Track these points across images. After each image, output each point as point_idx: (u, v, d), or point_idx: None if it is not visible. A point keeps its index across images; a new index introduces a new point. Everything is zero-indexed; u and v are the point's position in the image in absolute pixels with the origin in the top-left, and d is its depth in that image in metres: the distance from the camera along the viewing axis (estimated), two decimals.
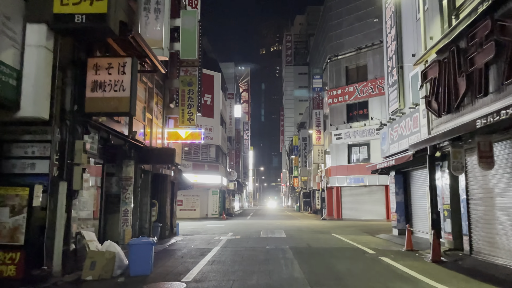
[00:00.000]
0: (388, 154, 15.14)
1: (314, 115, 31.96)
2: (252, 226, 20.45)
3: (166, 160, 10.75)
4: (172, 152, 10.73)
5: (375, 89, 28.21)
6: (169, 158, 10.67)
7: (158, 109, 13.61)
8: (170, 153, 10.71)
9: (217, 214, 30.17)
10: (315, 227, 20.10)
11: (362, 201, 28.80)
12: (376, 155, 27.63)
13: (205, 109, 29.65)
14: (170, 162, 10.76)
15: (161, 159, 10.73)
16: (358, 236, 15.15)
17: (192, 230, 18.22)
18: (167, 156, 10.65)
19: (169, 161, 10.71)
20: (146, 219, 12.34)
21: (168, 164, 11.04)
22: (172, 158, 10.69)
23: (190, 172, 28.13)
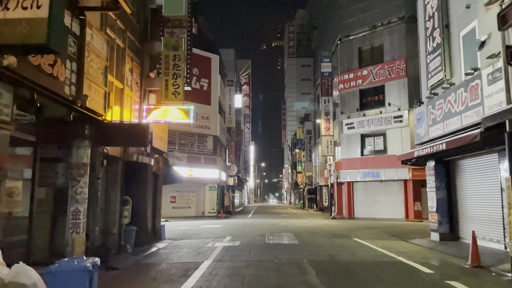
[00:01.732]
0: (427, 139, 12.01)
1: (323, 103, 28.85)
2: (254, 227, 17.38)
3: (136, 140, 7.67)
4: (144, 129, 7.63)
5: (392, 71, 25.04)
6: (140, 137, 7.58)
7: (134, 78, 10.49)
8: (142, 130, 7.62)
9: (214, 212, 27.10)
10: (328, 228, 17.03)
11: (377, 198, 25.71)
12: (394, 146, 24.54)
13: (201, 95, 26.55)
14: (141, 142, 7.67)
15: (130, 139, 7.65)
16: (387, 241, 12.07)
17: (183, 233, 15.15)
18: (138, 135, 7.57)
19: (141, 141, 7.63)
20: (114, 222, 9.25)
21: (139, 145, 7.95)
22: (144, 138, 7.59)
23: (184, 165, 25.06)
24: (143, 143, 7.70)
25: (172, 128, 25.07)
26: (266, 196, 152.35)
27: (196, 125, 26.42)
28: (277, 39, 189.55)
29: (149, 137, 7.72)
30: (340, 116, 27.85)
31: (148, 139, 7.86)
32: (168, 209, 25.03)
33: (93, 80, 7.22)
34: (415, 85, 24.42)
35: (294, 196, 73.95)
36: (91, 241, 7.64)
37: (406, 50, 24.61)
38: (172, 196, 25.59)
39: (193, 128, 26.24)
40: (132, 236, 10.01)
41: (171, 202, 25.53)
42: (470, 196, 10.88)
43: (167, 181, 13.75)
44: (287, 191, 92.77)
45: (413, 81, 24.35)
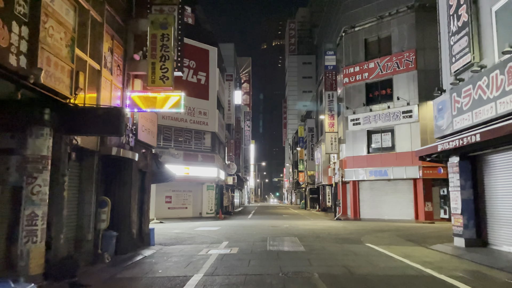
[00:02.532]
0: (450, 131, 10.57)
1: (327, 98, 27.41)
2: (254, 230, 15.96)
3: (109, 128, 6.24)
4: (118, 114, 6.20)
5: (401, 64, 23.59)
6: (114, 124, 6.15)
7: (115, 60, 9.06)
8: (116, 115, 6.18)
9: (213, 213, 25.69)
10: (335, 231, 15.60)
11: (385, 198, 24.27)
12: (403, 143, 23.12)
13: (199, 89, 25.15)
14: (115, 130, 6.23)
15: (102, 126, 6.23)
16: (405, 247, 10.65)
17: (176, 236, 13.72)
18: (111, 121, 6.14)
19: (114, 128, 6.19)
20: (89, 227, 7.83)
21: (113, 133, 6.50)
22: (118, 124, 6.16)
23: (180, 163, 23.65)
24: (117, 131, 6.27)
25: (167, 124, 23.67)
26: (267, 195, 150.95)
27: (193, 120, 25.01)
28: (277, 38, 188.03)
29: (125, 123, 6.31)
30: (345, 112, 26.42)
31: (124, 125, 6.41)
32: (163, 210, 23.64)
33: (54, 52, 5.80)
34: (426, 78, 23.01)
35: (295, 196, 72.53)
36: (54, 251, 6.22)
37: (416, 41, 23.17)
38: (167, 196, 24.18)
39: (189, 124, 24.82)
40: (112, 243, 8.58)
41: (167, 202, 24.12)
42: (502, 196, 9.45)
43: (157, 179, 12.33)
44: (288, 191, 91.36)
45: (424, 73, 22.95)
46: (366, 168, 24.62)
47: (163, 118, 23.51)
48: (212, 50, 26.65)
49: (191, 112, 24.89)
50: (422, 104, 22.72)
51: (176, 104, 9.50)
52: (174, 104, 9.52)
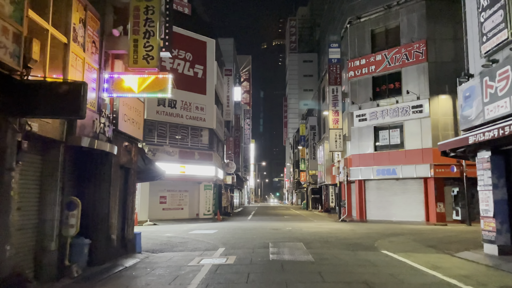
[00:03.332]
0: (481, 121, 9.14)
1: (331, 92, 25.99)
2: (254, 233, 14.53)
3: (65, 107, 4.83)
4: (77, 89, 4.78)
5: (410, 56, 22.16)
6: (72, 102, 4.75)
7: (89, 35, 7.63)
8: (74, 90, 4.76)
9: (210, 214, 24.26)
10: (344, 234, 14.18)
11: (393, 198, 22.85)
12: (413, 139, 21.70)
13: (195, 83, 23.73)
14: (73, 110, 4.81)
15: (57, 106, 4.83)
16: (428, 255, 9.23)
17: (167, 241, 12.30)
18: (67, 99, 4.74)
19: (72, 108, 4.79)
20: (52, 233, 6.41)
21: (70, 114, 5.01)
22: (77, 103, 4.76)
23: (176, 161, 22.25)
24: (77, 111, 4.85)
25: (161, 119, 22.28)
26: (267, 196, 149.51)
27: (189, 116, 23.59)
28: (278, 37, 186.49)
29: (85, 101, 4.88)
30: (350, 107, 25.00)
31: (85, 104, 4.99)
32: (157, 211, 22.22)
33: None
34: (437, 70, 21.59)
35: (296, 196, 71.13)
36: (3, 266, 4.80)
37: (426, 31, 21.75)
38: (162, 196, 22.76)
39: (186, 119, 23.40)
40: (83, 252, 7.17)
41: (161, 203, 22.70)
42: None
43: (145, 177, 10.92)
44: (288, 191, 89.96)
45: (435, 66, 21.54)
46: (373, 167, 23.20)
47: (157, 113, 22.12)
48: (210, 42, 25.24)
49: (187, 107, 23.48)
50: (433, 98, 21.30)
51: (163, 88, 8.08)
52: (160, 88, 8.10)
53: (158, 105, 22.15)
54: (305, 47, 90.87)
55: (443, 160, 20.86)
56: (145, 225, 20.13)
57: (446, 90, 21.33)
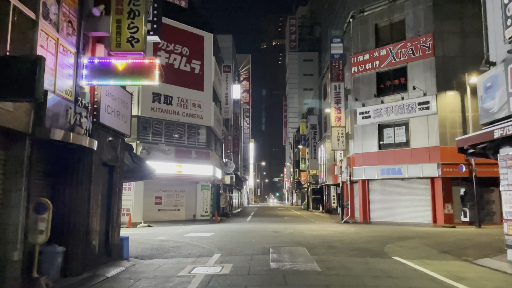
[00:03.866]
0: (505, 114, 8.20)
1: (333, 89, 25.07)
2: (253, 237, 13.59)
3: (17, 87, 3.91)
4: (31, 65, 3.85)
5: (416, 50, 21.24)
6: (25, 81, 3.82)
7: (64, 13, 6.70)
8: (28, 67, 3.83)
9: (208, 215, 23.32)
10: (349, 238, 13.24)
11: (398, 199, 21.93)
12: (419, 137, 20.78)
13: (192, 79, 22.81)
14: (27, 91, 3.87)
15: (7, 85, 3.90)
16: (444, 262, 8.32)
17: (159, 245, 11.36)
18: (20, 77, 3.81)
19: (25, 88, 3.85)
20: (15, 241, 5.47)
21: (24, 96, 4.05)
22: (31, 82, 3.82)
23: (171, 160, 21.32)
24: (31, 92, 3.92)
25: (157, 116, 21.35)
26: (266, 196, 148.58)
27: (186, 113, 22.65)
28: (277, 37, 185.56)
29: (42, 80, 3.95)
30: (353, 104, 24.07)
31: (41, 84, 4.06)
32: (152, 212, 21.28)
33: None
34: (445, 65, 20.65)
35: (296, 197, 70.19)
36: None
37: (433, 25, 20.83)
38: (157, 197, 21.81)
39: (182, 117, 22.46)
40: (56, 261, 6.23)
41: (156, 204, 21.75)
42: None
43: (133, 176, 9.98)
44: (288, 191, 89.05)
45: (442, 60, 20.62)
46: (377, 166, 22.27)
47: (152, 110, 21.19)
48: (207, 37, 24.30)
49: (184, 104, 22.54)
50: (440, 94, 20.38)
51: (149, 75, 7.14)
52: (146, 75, 7.16)
53: (153, 101, 21.22)
54: (305, 46, 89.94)
55: (451, 159, 19.97)
56: (139, 227, 19.21)
57: (453, 86, 20.41)
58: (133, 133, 20.48)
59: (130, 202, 20.11)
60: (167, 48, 22.05)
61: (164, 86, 21.73)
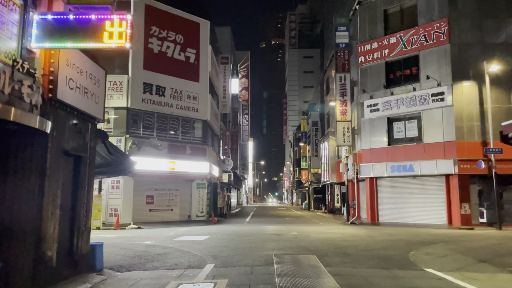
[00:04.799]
0: None
1: (338, 81, 23.42)
2: (253, 241, 11.95)
3: None
4: None
5: (430, 37, 19.61)
6: None
7: None
8: None
9: (203, 216, 21.66)
10: (363, 243, 11.61)
11: (409, 198, 20.31)
12: (433, 131, 19.16)
13: (187, 68, 21.15)
14: None
15: None
16: (491, 275, 6.72)
17: (142, 253, 9.69)
18: None
19: None
20: None
21: None
22: None
23: (164, 156, 19.67)
24: None
25: (148, 108, 19.70)
26: (266, 195, 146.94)
27: (180, 106, 20.98)
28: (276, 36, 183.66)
29: None
30: (360, 97, 22.43)
31: None
32: (143, 213, 19.63)
33: None
34: (461, 53, 19.00)
35: (296, 196, 68.55)
36: None
37: (448, 9, 19.21)
38: (148, 196, 20.14)
39: (176, 109, 20.79)
40: None
41: (148, 204, 20.08)
42: None
43: (109, 170, 8.28)
44: (288, 191, 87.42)
45: (458, 48, 18.99)
46: (387, 163, 20.64)
47: (143, 101, 19.51)
48: (203, 24, 22.61)
49: (177, 96, 20.87)
50: (456, 84, 18.75)
51: (119, 35, 5.46)
52: (115, 37, 5.48)
53: (144, 92, 19.54)
54: (306, 42, 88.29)
55: (468, 154, 18.35)
56: (128, 228, 17.57)
57: (470, 75, 18.80)
58: (122, 126, 18.82)
59: (118, 201, 18.45)
60: (159, 34, 20.36)
61: (156, 76, 20.07)
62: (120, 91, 18.89)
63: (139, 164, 19.20)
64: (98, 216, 17.45)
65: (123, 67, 19.37)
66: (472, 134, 18.49)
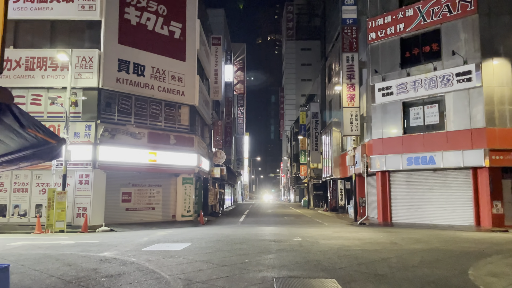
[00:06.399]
0: None
1: (345, 62, 20.59)
2: (246, 252, 9.12)
3: None
4: None
5: (454, 7, 16.80)
6: None
7: None
8: None
9: (190, 215, 18.81)
10: (393, 255, 8.82)
11: (428, 195, 17.57)
12: (458, 117, 16.38)
13: (171, 45, 18.28)
14: None
15: None
16: None
17: (88, 273, 6.81)
18: None
19: None
20: None
21: None
22: None
23: (143, 146, 16.80)
24: None
25: (124, 90, 16.80)
26: (262, 192, 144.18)
27: (163, 88, 18.06)
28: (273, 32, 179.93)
29: None
30: (370, 79, 19.60)
31: None
32: (118, 212, 16.76)
33: None
34: (492, 25, 16.15)
35: (294, 193, 65.83)
36: None
37: None
38: (125, 193, 17.23)
39: (158, 92, 17.86)
40: None
41: (124, 202, 17.18)
42: None
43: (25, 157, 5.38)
44: (285, 187, 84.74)
45: (489, 20, 16.19)
46: (402, 154, 17.87)
47: (118, 81, 16.55)
48: None
49: (160, 76, 17.94)
50: (486, 61, 15.98)
51: None
52: None
53: (119, 70, 16.58)
54: (303, 34, 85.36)
55: (501, 143, 15.53)
56: (98, 231, 14.72)
57: (502, 51, 16.04)
58: (92, 110, 15.89)
59: (87, 199, 15.55)
60: (138, 4, 17.40)
61: (134, 52, 17.12)
62: (90, 69, 15.93)
63: (113, 156, 16.36)
64: (62, 216, 14.58)
65: (94, 41, 16.41)
66: (505, 120, 15.75)
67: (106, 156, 15.77)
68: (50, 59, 15.94)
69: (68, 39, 16.51)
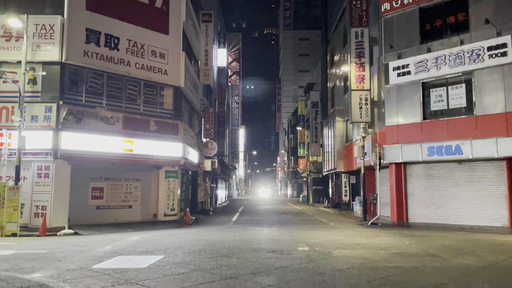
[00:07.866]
0: None
1: (354, 38, 17.96)
2: (234, 272, 6.56)
3: None
4: None
5: None
6: None
7: None
8: None
9: (175, 214, 16.20)
10: (445, 273, 6.27)
11: (452, 191, 15.09)
12: (490, 99, 13.82)
13: (151, 15, 15.53)
14: None
15: None
16: None
17: None
18: None
19: None
20: None
21: None
22: None
23: (117, 133, 14.17)
24: None
25: (94, 66, 14.08)
26: (258, 187, 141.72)
27: (141, 65, 15.34)
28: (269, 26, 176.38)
29: None
30: (383, 57, 17.00)
31: None
32: (87, 211, 14.12)
33: None
34: None
35: (291, 188, 63.39)
36: None
37: None
38: (95, 188, 14.56)
39: (135, 69, 15.13)
40: None
41: (94, 198, 14.51)
42: None
43: None
44: (281, 182, 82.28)
45: None
46: (421, 144, 15.34)
47: (86, 55, 13.80)
48: None
49: (138, 51, 15.22)
50: None
51: None
52: None
53: (88, 42, 13.82)
54: (301, 24, 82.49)
55: None
56: (60, 234, 12.13)
57: None
58: (54, 89, 13.19)
59: (47, 195, 12.90)
60: None
61: (106, 21, 14.38)
62: (51, 39, 13.19)
63: (80, 144, 13.57)
64: (15, 217, 11.95)
65: (55, 6, 13.64)
66: None
67: (70, 144, 13.09)
68: (2, 27, 13.20)
69: (25, 3, 13.72)
